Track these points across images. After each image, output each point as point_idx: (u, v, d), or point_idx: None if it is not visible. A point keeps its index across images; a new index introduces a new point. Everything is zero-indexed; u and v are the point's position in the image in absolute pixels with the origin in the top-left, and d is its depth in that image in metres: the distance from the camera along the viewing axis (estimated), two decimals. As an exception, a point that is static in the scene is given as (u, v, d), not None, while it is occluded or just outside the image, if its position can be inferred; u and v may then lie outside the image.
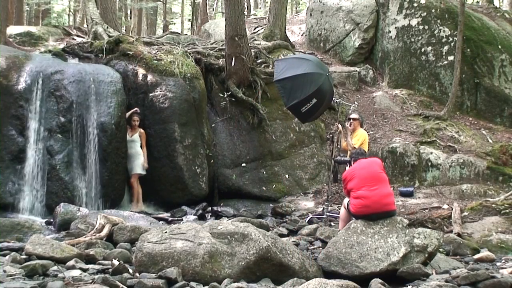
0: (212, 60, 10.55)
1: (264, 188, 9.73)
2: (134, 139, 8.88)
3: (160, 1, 23.81)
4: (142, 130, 8.95)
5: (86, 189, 8.16)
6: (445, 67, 12.09)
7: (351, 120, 8.22)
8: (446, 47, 12.15)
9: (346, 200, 6.03)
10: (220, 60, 10.59)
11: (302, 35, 15.93)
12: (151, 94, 9.12)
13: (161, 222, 7.80)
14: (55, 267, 4.80)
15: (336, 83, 11.73)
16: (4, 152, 7.84)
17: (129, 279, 4.42)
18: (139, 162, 8.84)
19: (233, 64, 10.13)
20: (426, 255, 5.20)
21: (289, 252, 5.06)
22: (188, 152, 9.11)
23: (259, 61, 11.23)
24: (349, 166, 6.32)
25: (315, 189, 10.07)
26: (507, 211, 7.41)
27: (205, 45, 11.69)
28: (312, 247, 6.61)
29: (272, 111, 10.52)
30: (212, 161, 9.61)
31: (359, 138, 7.92)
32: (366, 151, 7.54)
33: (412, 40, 12.68)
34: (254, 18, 20.39)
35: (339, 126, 8.44)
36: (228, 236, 4.94)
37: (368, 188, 5.53)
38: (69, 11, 25.35)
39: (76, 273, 4.69)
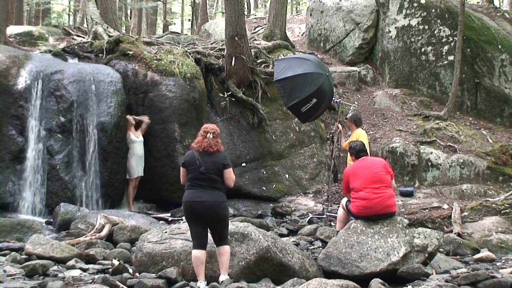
0: (212, 60, 10.54)
1: (264, 188, 9.73)
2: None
3: (160, 1, 23.77)
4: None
5: (86, 189, 8.16)
6: (445, 67, 12.08)
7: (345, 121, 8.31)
8: (446, 47, 12.14)
9: (344, 200, 5.98)
10: (220, 60, 10.58)
11: (302, 35, 15.92)
12: (151, 94, 9.12)
13: (161, 222, 7.81)
14: (55, 267, 4.81)
15: (336, 83, 11.72)
16: (4, 152, 7.84)
17: (129, 279, 4.43)
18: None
19: (233, 64, 10.13)
20: (426, 255, 5.20)
21: (289, 252, 5.07)
22: (188, 152, 9.10)
23: (259, 61, 11.22)
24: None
25: (315, 189, 10.07)
26: (507, 211, 7.41)
27: (205, 45, 11.68)
28: (312, 247, 6.62)
29: (272, 111, 10.52)
30: (212, 161, 9.59)
31: (355, 137, 7.82)
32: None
33: (412, 40, 12.67)
34: (254, 18, 20.36)
35: (339, 126, 8.44)
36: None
37: (372, 190, 5.47)
38: (69, 11, 25.32)
39: (76, 273, 4.70)
